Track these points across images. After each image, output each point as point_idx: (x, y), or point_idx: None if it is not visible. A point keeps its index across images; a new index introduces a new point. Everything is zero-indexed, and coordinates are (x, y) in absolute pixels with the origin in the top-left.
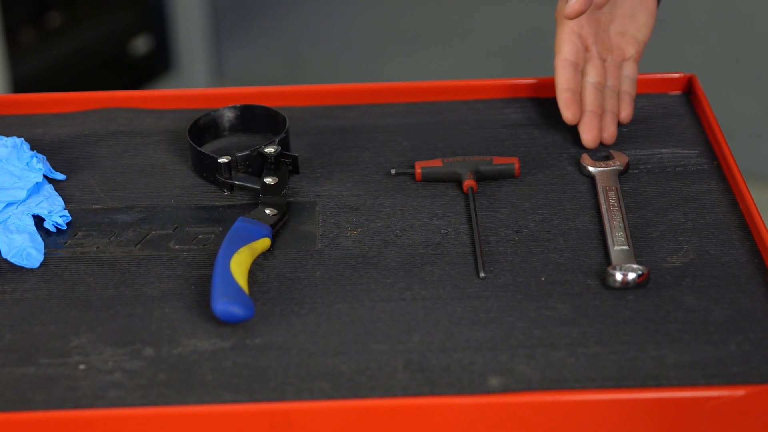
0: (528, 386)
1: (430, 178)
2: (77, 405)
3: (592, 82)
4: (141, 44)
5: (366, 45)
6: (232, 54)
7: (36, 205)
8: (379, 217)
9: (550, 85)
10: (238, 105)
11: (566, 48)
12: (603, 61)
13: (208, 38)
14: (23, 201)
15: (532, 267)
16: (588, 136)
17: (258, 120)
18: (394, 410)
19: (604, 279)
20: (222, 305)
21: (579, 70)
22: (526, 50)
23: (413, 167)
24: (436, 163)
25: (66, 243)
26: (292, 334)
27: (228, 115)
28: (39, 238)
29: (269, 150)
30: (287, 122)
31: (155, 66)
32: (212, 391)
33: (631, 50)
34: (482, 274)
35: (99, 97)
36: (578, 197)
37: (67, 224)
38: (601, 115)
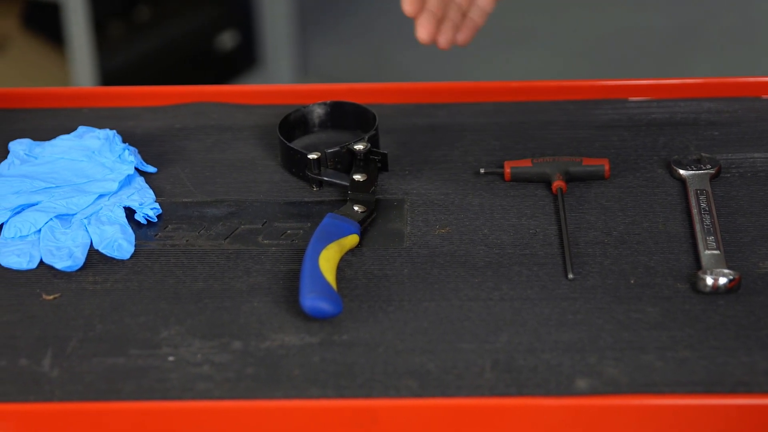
0: (616, 389)
1: (519, 178)
2: (166, 396)
3: None
4: (227, 39)
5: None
6: (318, 51)
7: (127, 197)
8: (468, 216)
9: (640, 88)
10: (328, 101)
11: None
12: None
13: (293, 34)
14: (115, 193)
15: (621, 269)
16: (423, 30)
17: (348, 117)
18: (481, 410)
19: (695, 283)
20: (310, 301)
21: None
22: (615, 51)
23: (502, 167)
24: (525, 163)
25: (156, 235)
26: (379, 331)
27: (318, 112)
28: (130, 230)
29: (359, 147)
30: (377, 119)
31: (240, 61)
32: (299, 386)
33: None
34: (571, 276)
35: (189, 91)
36: (669, 200)
37: (158, 217)
38: (441, 19)
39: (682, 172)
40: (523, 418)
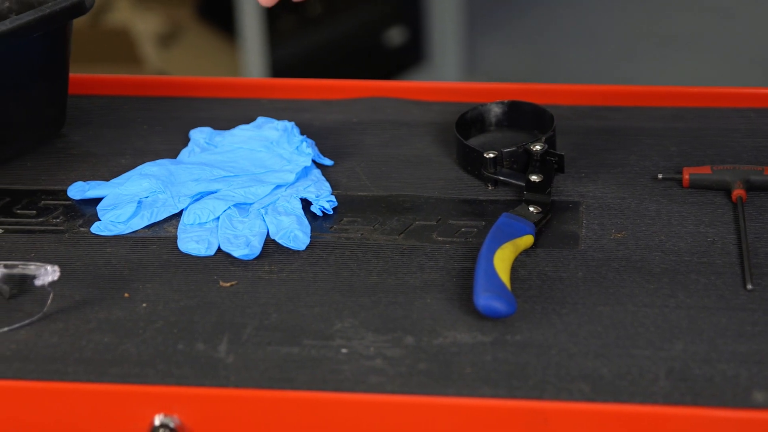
0: None
1: (697, 185)
2: (339, 388)
3: None
4: (395, 35)
5: (623, 47)
6: (483, 49)
7: (304, 188)
8: (644, 221)
9: None
10: (505, 101)
11: None
12: None
13: (461, 32)
14: (292, 184)
15: None
16: None
17: (524, 117)
18: (654, 418)
19: None
20: (485, 300)
21: None
22: None
23: (681, 173)
24: (704, 170)
25: (331, 228)
26: (552, 333)
27: (495, 111)
28: (306, 222)
29: (536, 147)
30: (554, 120)
31: (407, 57)
32: (471, 384)
33: None
34: (750, 286)
35: (365, 86)
36: None
37: (333, 209)
38: None
39: None
40: (698, 429)
